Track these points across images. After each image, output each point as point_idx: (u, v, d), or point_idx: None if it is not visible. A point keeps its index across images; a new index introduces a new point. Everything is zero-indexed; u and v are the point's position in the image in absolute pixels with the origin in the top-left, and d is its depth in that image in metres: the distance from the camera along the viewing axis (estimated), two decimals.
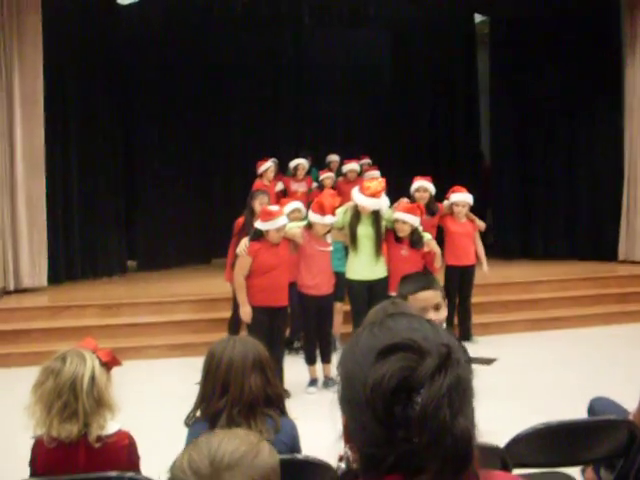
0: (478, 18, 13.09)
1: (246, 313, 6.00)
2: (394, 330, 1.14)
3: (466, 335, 7.92)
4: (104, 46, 10.30)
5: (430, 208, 7.46)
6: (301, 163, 10.30)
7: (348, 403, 1.14)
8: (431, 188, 7.54)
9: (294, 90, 12.73)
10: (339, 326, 7.38)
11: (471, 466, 1.07)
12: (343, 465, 1.18)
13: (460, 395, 1.06)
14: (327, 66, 12.39)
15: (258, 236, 6.02)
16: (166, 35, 11.03)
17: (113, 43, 10.58)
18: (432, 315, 2.91)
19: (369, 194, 6.30)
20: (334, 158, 11.00)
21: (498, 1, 11.35)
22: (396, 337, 1.10)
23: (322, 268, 6.36)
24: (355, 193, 6.43)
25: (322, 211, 6.15)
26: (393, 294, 4.90)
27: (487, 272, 7.92)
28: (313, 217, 6.22)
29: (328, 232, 6.34)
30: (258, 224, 6.03)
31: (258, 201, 6.88)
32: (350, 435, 1.15)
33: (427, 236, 6.70)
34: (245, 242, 6.08)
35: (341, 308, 7.35)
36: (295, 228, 6.28)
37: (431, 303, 2.97)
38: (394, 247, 6.56)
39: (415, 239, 6.51)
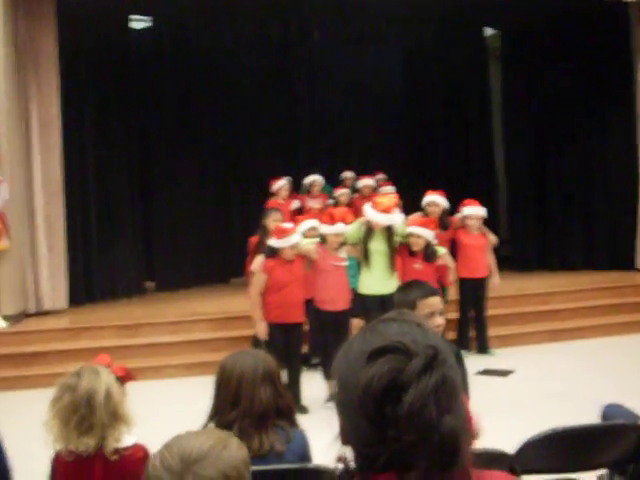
0: (489, 32, 13.15)
1: (261, 330, 6.06)
2: (384, 334, 1.18)
3: (483, 347, 7.91)
4: (119, 70, 10.44)
5: (442, 222, 7.48)
6: (316, 179, 10.27)
7: (343, 405, 1.18)
8: (442, 203, 7.54)
9: (307, 108, 12.79)
10: None
11: (461, 463, 1.10)
12: (341, 466, 1.23)
13: (447, 394, 1.09)
14: (339, 83, 12.43)
15: (272, 253, 6.08)
16: (179, 57, 11.19)
17: (128, 66, 10.73)
18: (439, 320, 3.05)
19: (381, 210, 6.32)
20: (349, 174, 10.98)
21: (508, 14, 11.39)
22: (386, 340, 1.14)
23: (337, 283, 6.37)
24: (367, 209, 6.44)
25: (332, 220, 6.20)
26: None
27: (498, 284, 7.92)
28: (324, 229, 6.27)
29: (342, 245, 6.36)
30: (272, 241, 6.09)
31: (271, 218, 6.94)
32: (346, 436, 1.19)
33: (441, 250, 6.71)
34: (260, 259, 6.14)
35: (358, 324, 7.35)
36: (309, 244, 6.32)
37: (438, 308, 3.09)
38: (408, 261, 6.58)
39: (429, 253, 6.54)
